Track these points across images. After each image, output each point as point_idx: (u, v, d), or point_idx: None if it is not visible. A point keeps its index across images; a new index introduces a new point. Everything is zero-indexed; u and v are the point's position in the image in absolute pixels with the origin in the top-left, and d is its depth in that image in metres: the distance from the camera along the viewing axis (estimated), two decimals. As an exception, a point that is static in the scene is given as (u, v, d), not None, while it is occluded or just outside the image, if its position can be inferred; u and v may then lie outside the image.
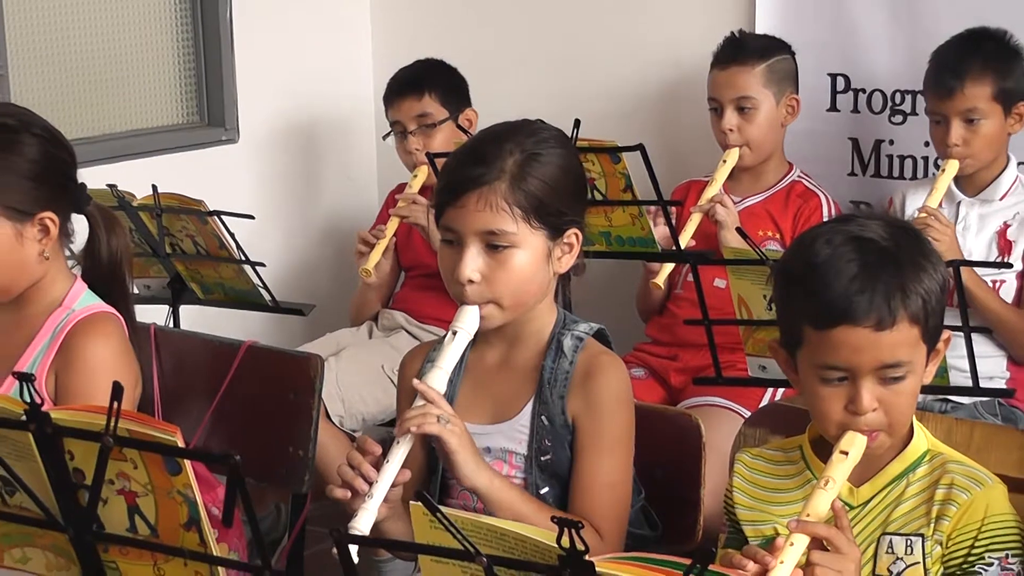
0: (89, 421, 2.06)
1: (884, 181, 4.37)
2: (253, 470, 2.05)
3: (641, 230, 3.80)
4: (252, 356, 3.00)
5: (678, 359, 4.04)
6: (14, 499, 2.19)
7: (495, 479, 2.43)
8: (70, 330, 2.76)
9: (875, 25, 4.35)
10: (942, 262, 2.28)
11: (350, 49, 5.10)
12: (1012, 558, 2.23)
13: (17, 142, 2.75)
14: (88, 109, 4.50)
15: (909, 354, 2.20)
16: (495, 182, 2.46)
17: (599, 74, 4.72)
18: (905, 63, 4.27)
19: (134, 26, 4.67)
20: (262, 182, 4.90)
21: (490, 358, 2.61)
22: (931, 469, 2.28)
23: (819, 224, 2.67)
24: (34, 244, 2.76)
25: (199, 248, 3.97)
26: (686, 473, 2.63)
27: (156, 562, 2.13)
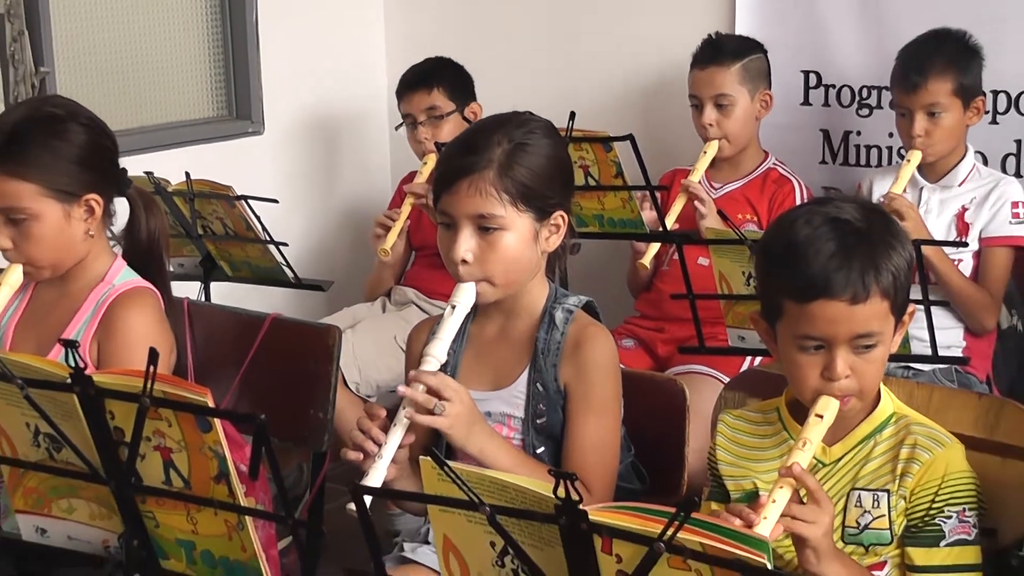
0: (128, 384, 2.06)
1: (852, 169, 4.37)
2: (277, 431, 2.05)
3: (631, 213, 3.82)
4: (276, 328, 3.00)
5: (665, 331, 4.04)
6: (61, 455, 2.20)
7: (486, 446, 2.42)
8: (111, 303, 2.76)
9: (844, 26, 4.34)
10: (909, 241, 2.29)
11: (365, 48, 5.09)
12: (968, 511, 2.23)
13: (65, 130, 2.75)
14: (127, 104, 4.50)
15: (880, 325, 2.21)
16: (484, 170, 2.45)
17: (593, 71, 4.72)
18: (872, 61, 4.26)
19: (169, 28, 4.66)
20: (285, 170, 4.90)
21: (489, 330, 2.61)
22: (896, 430, 2.29)
23: (798, 206, 2.66)
24: (80, 224, 2.76)
25: (228, 230, 3.98)
26: (672, 433, 2.64)
27: (189, 512, 2.13)
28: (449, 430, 2.38)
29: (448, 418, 2.37)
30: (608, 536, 1.72)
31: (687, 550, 1.68)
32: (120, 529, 2.21)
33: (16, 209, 2.70)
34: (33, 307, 2.86)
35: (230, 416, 2.08)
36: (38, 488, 2.28)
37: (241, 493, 2.07)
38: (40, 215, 2.71)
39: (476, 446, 2.41)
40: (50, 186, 2.71)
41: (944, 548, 2.23)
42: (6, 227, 2.71)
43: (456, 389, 2.40)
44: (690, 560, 1.68)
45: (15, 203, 2.70)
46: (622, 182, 3.75)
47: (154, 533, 2.19)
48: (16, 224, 2.71)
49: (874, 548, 2.25)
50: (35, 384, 2.13)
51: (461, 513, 1.82)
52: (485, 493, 1.79)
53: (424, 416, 2.36)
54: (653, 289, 4.12)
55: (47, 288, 2.85)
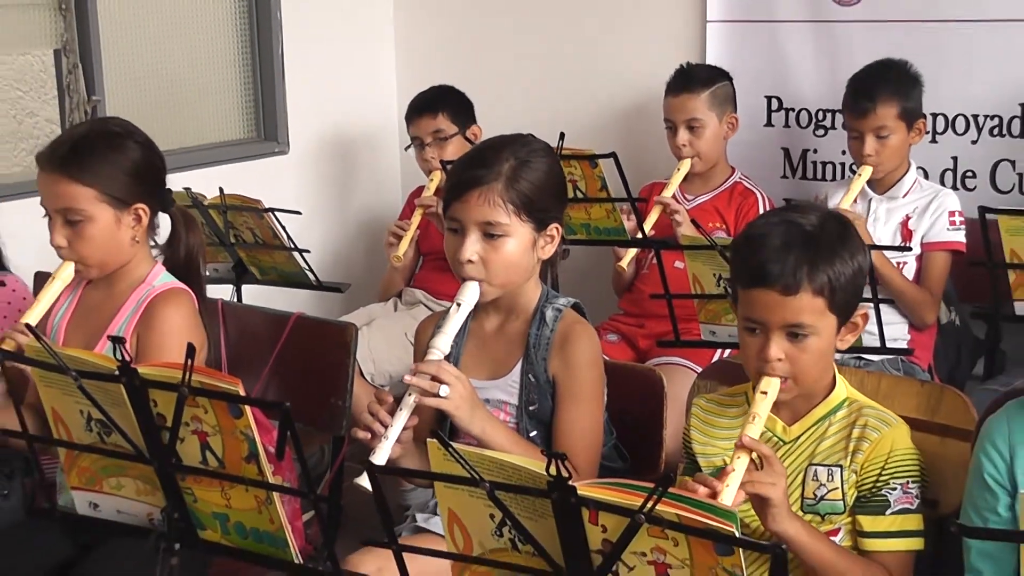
0: (169, 375, 2.06)
1: (810, 183, 4.37)
2: (300, 416, 2.04)
3: (614, 222, 3.81)
4: (300, 325, 3.00)
5: (645, 327, 4.03)
6: (110, 439, 2.20)
7: (488, 426, 2.43)
8: (150, 301, 2.76)
9: (801, 57, 4.34)
10: (861, 252, 2.28)
11: (378, 77, 5.09)
12: (912, 484, 2.24)
13: (122, 145, 2.76)
14: (168, 127, 4.49)
15: (812, 319, 2.20)
16: (493, 182, 2.45)
17: (580, 97, 4.71)
18: (826, 87, 4.27)
19: (205, 60, 4.66)
20: (307, 185, 4.89)
21: (488, 326, 2.61)
22: (849, 413, 2.29)
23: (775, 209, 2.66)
24: (128, 230, 2.75)
25: (257, 238, 3.97)
26: (651, 417, 2.64)
27: (223, 489, 2.13)
28: (456, 411, 2.38)
29: (453, 400, 2.37)
30: (595, 509, 1.72)
31: (665, 521, 1.68)
32: (162, 504, 2.20)
33: (74, 210, 2.69)
34: (82, 306, 2.85)
35: (259, 403, 2.09)
36: (91, 468, 2.28)
37: (269, 472, 2.07)
38: (94, 217, 2.71)
39: (479, 427, 2.41)
40: (105, 192, 2.71)
41: (889, 516, 2.23)
42: (63, 227, 2.71)
43: (456, 375, 2.40)
44: (667, 530, 1.68)
45: (73, 204, 2.69)
46: (606, 194, 3.74)
47: (192, 507, 2.19)
48: (72, 225, 2.70)
49: (829, 517, 2.25)
50: (87, 376, 2.14)
51: (464, 489, 1.82)
52: (485, 471, 1.79)
53: (431, 399, 2.36)
54: (634, 289, 4.11)
55: (94, 289, 2.84)
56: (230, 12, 4.69)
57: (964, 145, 4.14)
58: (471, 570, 1.90)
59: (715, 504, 1.76)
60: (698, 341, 3.38)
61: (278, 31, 4.71)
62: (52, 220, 2.72)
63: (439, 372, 2.37)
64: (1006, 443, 2.10)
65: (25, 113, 4.17)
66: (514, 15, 4.84)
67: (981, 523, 2.10)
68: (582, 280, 4.25)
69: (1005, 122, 4.08)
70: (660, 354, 3.83)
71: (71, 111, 4.15)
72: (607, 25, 4.66)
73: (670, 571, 1.71)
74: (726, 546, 1.66)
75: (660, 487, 1.67)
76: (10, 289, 3.09)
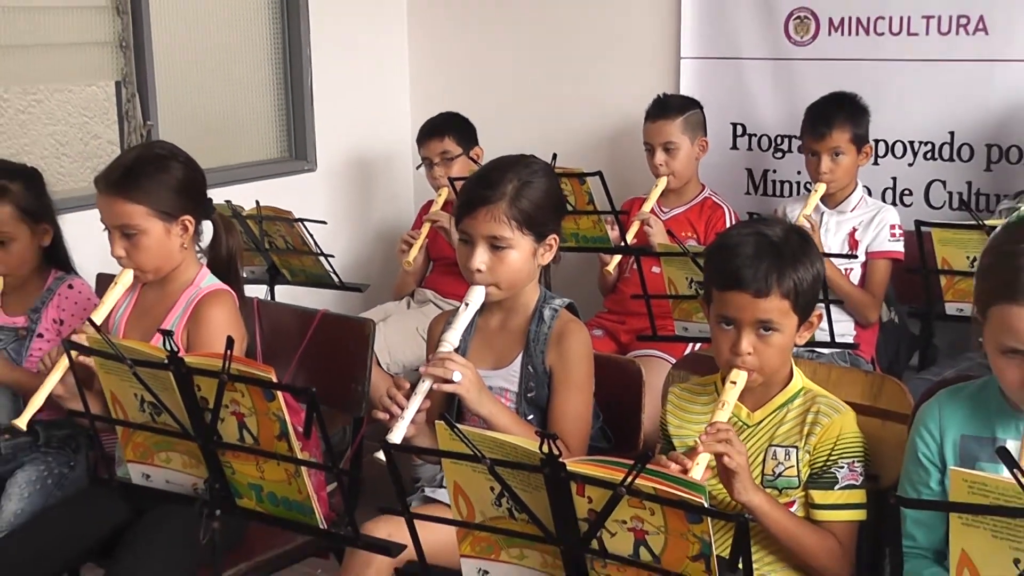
0: (211, 364, 2.06)
1: (770, 198, 4.36)
2: (325, 400, 2.03)
3: (600, 232, 3.82)
4: (325, 321, 2.99)
5: (626, 323, 4.01)
6: (160, 418, 2.20)
7: (494, 408, 2.42)
8: (198, 301, 2.75)
9: (763, 89, 4.33)
10: (819, 260, 2.28)
11: (393, 105, 5.07)
12: (857, 463, 2.24)
13: (167, 165, 2.75)
14: (212, 148, 4.47)
15: (779, 317, 2.20)
16: (499, 201, 2.45)
17: (571, 122, 4.69)
18: (784, 116, 4.26)
19: (243, 90, 4.65)
20: (332, 198, 4.87)
21: (493, 323, 2.59)
22: (804, 401, 2.29)
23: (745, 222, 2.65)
24: (176, 239, 2.75)
25: (288, 245, 3.96)
26: (631, 402, 2.62)
27: (258, 463, 2.13)
28: (466, 394, 2.38)
29: (463, 385, 2.36)
30: (582, 482, 1.72)
31: (642, 493, 1.67)
32: (205, 475, 2.20)
33: (130, 226, 2.69)
34: (139, 305, 2.85)
35: (288, 389, 2.07)
36: (143, 443, 2.27)
37: (298, 448, 2.06)
38: (147, 230, 2.70)
39: (486, 408, 2.40)
40: (155, 208, 2.70)
41: (837, 491, 2.23)
42: (121, 240, 2.70)
43: (465, 363, 2.39)
44: (645, 501, 1.68)
45: (129, 220, 2.69)
46: (593, 208, 3.75)
47: (231, 479, 2.18)
48: (129, 238, 2.70)
49: (786, 491, 2.25)
50: (140, 364, 2.14)
51: (468, 464, 1.81)
52: (486, 449, 1.78)
53: (446, 385, 2.35)
54: (617, 290, 4.09)
55: (149, 290, 2.83)
56: (266, 48, 4.67)
57: (902, 167, 4.14)
58: (473, 535, 1.89)
59: (686, 479, 1.76)
60: (673, 336, 3.36)
61: (307, 65, 4.70)
62: (111, 234, 2.72)
63: (450, 361, 2.37)
64: (937, 427, 2.10)
65: (90, 136, 4.17)
66: (514, 50, 4.83)
67: (916, 495, 2.10)
68: (572, 282, 4.24)
69: (937, 147, 4.08)
70: (639, 347, 3.81)
71: (129, 134, 4.15)
72: (595, 60, 4.65)
73: (647, 537, 1.70)
74: (696, 515, 1.65)
75: (638, 464, 1.66)
76: (77, 291, 3.09)
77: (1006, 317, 1.90)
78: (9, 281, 3.02)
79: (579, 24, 4.66)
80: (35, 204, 3.03)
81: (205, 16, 4.47)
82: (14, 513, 2.88)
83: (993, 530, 1.57)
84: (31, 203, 3.02)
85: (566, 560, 1.80)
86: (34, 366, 2.91)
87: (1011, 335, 1.90)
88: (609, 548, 1.74)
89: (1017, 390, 1.94)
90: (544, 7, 4.73)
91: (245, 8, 4.60)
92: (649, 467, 1.67)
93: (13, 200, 2.98)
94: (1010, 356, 1.93)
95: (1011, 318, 1.90)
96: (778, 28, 4.25)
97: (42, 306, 3.06)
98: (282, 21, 4.68)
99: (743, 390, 2.22)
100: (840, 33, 4.15)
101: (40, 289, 3.08)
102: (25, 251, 3.02)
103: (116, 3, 4.08)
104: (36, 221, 3.03)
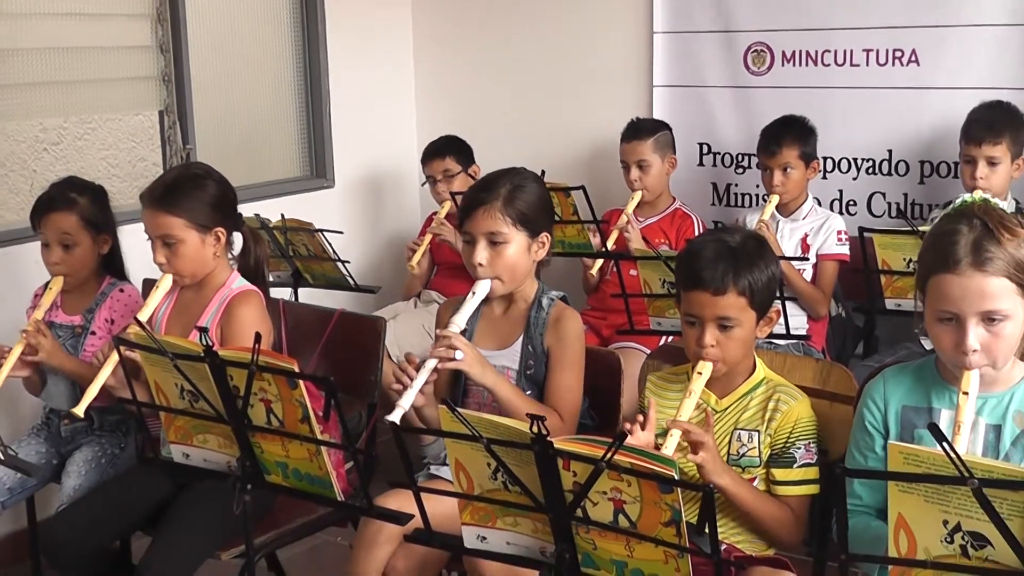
0: (241, 356, 2.06)
1: (732, 209, 4.34)
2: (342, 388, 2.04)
3: (584, 239, 3.81)
4: (342, 319, 2.97)
5: (607, 319, 4.00)
6: (198, 405, 2.20)
7: (497, 380, 2.42)
8: (230, 300, 2.75)
9: (725, 113, 4.31)
10: (774, 263, 2.28)
11: (402, 130, 5.04)
12: (812, 444, 2.24)
13: (203, 183, 2.75)
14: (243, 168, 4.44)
15: (737, 313, 2.19)
16: (495, 201, 2.45)
17: (557, 142, 4.67)
18: (743, 137, 4.24)
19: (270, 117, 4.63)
20: (348, 211, 4.85)
21: (497, 311, 2.59)
22: (766, 389, 2.28)
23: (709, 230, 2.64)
24: (211, 248, 2.74)
25: (309, 252, 3.94)
26: (612, 388, 2.61)
27: (283, 443, 2.12)
28: (469, 369, 2.38)
29: (466, 361, 2.36)
30: (567, 458, 1.71)
31: (621, 467, 1.67)
32: (237, 454, 2.19)
33: (170, 236, 2.69)
34: (178, 305, 2.84)
35: (310, 378, 2.07)
36: (184, 427, 2.27)
37: (318, 430, 2.06)
38: (185, 240, 2.70)
39: (490, 380, 2.40)
40: (192, 220, 2.70)
41: (796, 469, 2.22)
42: (162, 249, 2.70)
43: (465, 342, 2.39)
44: (623, 474, 1.67)
45: (169, 231, 2.69)
46: (577, 217, 3.74)
47: (260, 457, 2.18)
48: (169, 247, 2.70)
49: (749, 469, 2.24)
50: (180, 357, 2.13)
51: (467, 443, 1.80)
52: (483, 430, 1.77)
53: (450, 363, 2.35)
54: (599, 291, 4.08)
55: (187, 292, 2.83)
56: (290, 81, 4.66)
57: (847, 181, 4.13)
58: (472, 506, 1.88)
59: (659, 455, 1.75)
60: (648, 330, 3.36)
61: (326, 95, 4.68)
62: (154, 244, 2.72)
63: (454, 341, 2.37)
64: (882, 398, 2.08)
65: (137, 159, 4.17)
66: (507, 81, 4.82)
67: (862, 460, 2.08)
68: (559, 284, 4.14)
69: (877, 164, 4.07)
70: (619, 340, 3.80)
71: (170, 156, 4.14)
72: (578, 89, 4.63)
73: (625, 506, 1.69)
74: (667, 486, 1.64)
75: (617, 442, 1.66)
76: (127, 295, 3.09)
77: (941, 285, 1.90)
78: (69, 283, 3.01)
79: (565, 57, 4.65)
80: (98, 216, 3.03)
81: (236, 53, 4.45)
82: (73, 488, 2.88)
83: (925, 496, 1.57)
84: (95, 215, 3.02)
85: (554, 527, 1.79)
86: (89, 359, 2.91)
87: (945, 301, 1.90)
88: (592, 516, 1.73)
89: (951, 353, 1.93)
90: (534, 42, 4.72)
91: (272, 45, 4.59)
92: (626, 445, 1.66)
93: (79, 211, 2.99)
94: (945, 323, 1.92)
95: (945, 285, 1.89)
96: (738, 60, 4.24)
97: (96, 307, 3.05)
98: (304, 57, 4.67)
99: (711, 378, 2.21)
100: (792, 64, 4.14)
101: (95, 293, 3.07)
102: (86, 256, 3.02)
103: (159, 43, 4.07)
104: (98, 231, 3.03)
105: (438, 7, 4.93)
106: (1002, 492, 1.50)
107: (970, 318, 1.88)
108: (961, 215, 1.95)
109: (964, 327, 1.89)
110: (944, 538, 1.57)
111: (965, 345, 1.88)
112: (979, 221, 1.90)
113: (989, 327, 1.89)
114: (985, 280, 1.87)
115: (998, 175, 3.50)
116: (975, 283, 1.87)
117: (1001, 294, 1.87)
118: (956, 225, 1.92)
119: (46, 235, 2.99)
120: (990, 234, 1.88)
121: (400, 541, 2.41)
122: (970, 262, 1.87)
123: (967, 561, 1.56)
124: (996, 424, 1.98)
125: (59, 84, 3.83)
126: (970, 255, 1.87)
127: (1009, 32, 3.75)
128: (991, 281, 1.87)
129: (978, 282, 1.87)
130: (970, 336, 1.88)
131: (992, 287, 1.87)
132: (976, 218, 1.91)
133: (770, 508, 2.20)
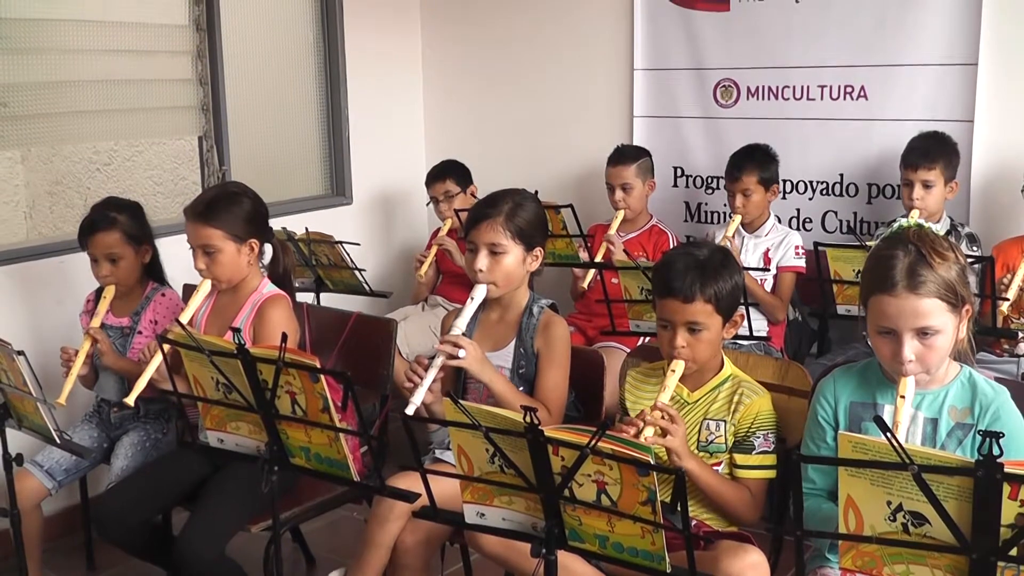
0: (270, 354, 2.06)
1: (702, 225, 4.34)
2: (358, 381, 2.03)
3: (572, 251, 3.81)
4: (359, 321, 2.97)
5: (592, 321, 3.99)
6: (232, 396, 2.19)
7: (493, 377, 2.42)
8: (261, 304, 2.75)
9: (697, 141, 4.31)
10: (738, 273, 2.28)
11: (411, 154, 5.04)
12: (771, 434, 2.24)
13: (239, 200, 2.75)
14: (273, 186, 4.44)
15: (704, 318, 2.19)
16: (498, 216, 2.46)
17: (548, 165, 4.67)
18: (713, 162, 4.25)
19: (296, 141, 4.62)
20: (364, 225, 4.84)
21: (492, 316, 2.59)
22: (732, 385, 2.28)
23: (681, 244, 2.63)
24: (245, 256, 2.75)
25: (330, 261, 3.94)
26: (596, 383, 2.61)
27: (306, 430, 2.12)
28: (471, 367, 2.38)
29: (468, 359, 2.36)
30: (556, 445, 1.71)
31: (603, 453, 1.66)
32: (266, 440, 2.19)
33: (209, 245, 2.69)
34: (216, 308, 2.84)
35: (330, 372, 2.07)
36: (219, 415, 2.26)
37: (337, 419, 2.06)
38: (223, 250, 2.70)
39: (488, 376, 2.40)
40: (229, 232, 2.70)
41: (754, 455, 2.22)
42: (202, 257, 2.71)
43: (469, 342, 2.39)
44: (605, 459, 1.67)
45: (208, 241, 2.69)
46: (566, 232, 3.74)
47: (286, 442, 2.17)
48: (208, 255, 2.70)
49: (715, 454, 2.24)
50: (216, 354, 2.13)
51: (468, 431, 1.80)
52: (482, 420, 1.77)
53: (453, 360, 2.35)
54: (585, 297, 4.09)
55: (223, 296, 2.83)
56: (314, 110, 4.65)
57: (804, 201, 4.13)
58: (473, 486, 1.88)
59: (637, 442, 1.76)
60: (628, 331, 3.36)
61: (346, 123, 4.68)
62: (195, 252, 2.72)
63: (458, 340, 2.37)
64: (832, 395, 2.09)
65: (179, 178, 4.16)
66: (504, 110, 4.81)
67: (816, 448, 2.09)
68: (549, 291, 4.23)
69: (830, 186, 4.07)
70: (602, 340, 3.81)
71: (208, 176, 4.14)
72: (568, 118, 4.63)
73: (607, 487, 1.69)
74: (644, 469, 1.64)
75: (600, 431, 1.65)
76: (168, 299, 3.09)
77: (880, 304, 1.92)
78: (118, 291, 3.02)
79: (557, 90, 4.65)
80: (138, 230, 3.02)
81: (267, 87, 4.45)
82: (121, 468, 2.88)
83: (871, 479, 1.57)
84: (135, 229, 3.01)
85: (544, 505, 1.79)
86: (135, 356, 2.91)
87: (883, 318, 1.92)
88: (578, 495, 1.73)
89: (889, 361, 1.95)
90: (529, 77, 4.72)
91: (298, 80, 4.59)
92: (608, 433, 1.66)
93: (121, 228, 2.98)
94: (884, 335, 1.94)
95: (884, 305, 1.91)
96: (708, 94, 4.25)
97: (141, 310, 3.05)
98: (326, 90, 4.66)
99: (684, 374, 2.21)
100: (756, 98, 4.15)
101: (140, 297, 3.07)
102: (131, 266, 3.02)
103: (199, 77, 4.07)
104: (139, 243, 3.03)
105: (445, 50, 4.94)
106: (938, 477, 1.51)
107: (906, 333, 1.90)
108: (898, 240, 1.95)
109: (901, 341, 1.90)
110: (888, 517, 1.57)
111: (902, 356, 1.91)
112: (913, 247, 1.92)
113: (923, 340, 1.91)
114: (919, 301, 1.88)
115: (933, 196, 3.51)
116: (909, 304, 1.88)
117: (933, 312, 1.89)
118: (893, 250, 1.93)
119: (94, 252, 2.99)
120: (923, 259, 1.90)
121: (409, 517, 2.42)
122: (905, 285, 1.89)
123: (908, 537, 1.57)
124: (933, 418, 1.99)
125: (110, 112, 3.83)
126: (905, 279, 1.89)
127: (945, 71, 3.77)
128: (924, 302, 1.88)
129: (912, 303, 1.88)
130: (906, 348, 1.90)
131: (925, 307, 1.88)
132: (911, 244, 1.93)
133: (730, 489, 2.20)
